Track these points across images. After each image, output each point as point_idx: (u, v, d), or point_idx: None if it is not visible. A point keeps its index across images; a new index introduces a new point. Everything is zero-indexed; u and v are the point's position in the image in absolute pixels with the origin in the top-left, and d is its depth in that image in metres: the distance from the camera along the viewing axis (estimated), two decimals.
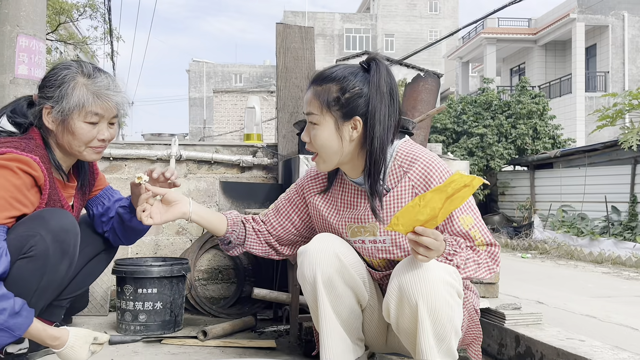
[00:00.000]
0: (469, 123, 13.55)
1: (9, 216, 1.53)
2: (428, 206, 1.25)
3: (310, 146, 1.53)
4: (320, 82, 1.50)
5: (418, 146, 1.58)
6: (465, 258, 1.45)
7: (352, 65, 1.52)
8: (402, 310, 1.40)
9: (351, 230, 1.58)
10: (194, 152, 2.95)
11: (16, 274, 1.54)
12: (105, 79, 1.70)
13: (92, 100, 1.66)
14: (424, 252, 1.32)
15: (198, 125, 31.28)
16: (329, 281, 1.48)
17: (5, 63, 3.10)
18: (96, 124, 1.68)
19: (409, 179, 1.50)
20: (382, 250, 1.55)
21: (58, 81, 1.65)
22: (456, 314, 1.40)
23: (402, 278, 1.38)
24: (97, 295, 2.75)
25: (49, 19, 11.40)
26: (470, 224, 1.48)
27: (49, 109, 1.65)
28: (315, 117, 1.48)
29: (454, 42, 27.74)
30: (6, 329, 1.45)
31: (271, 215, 1.73)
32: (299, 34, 2.86)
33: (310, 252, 1.50)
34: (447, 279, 1.38)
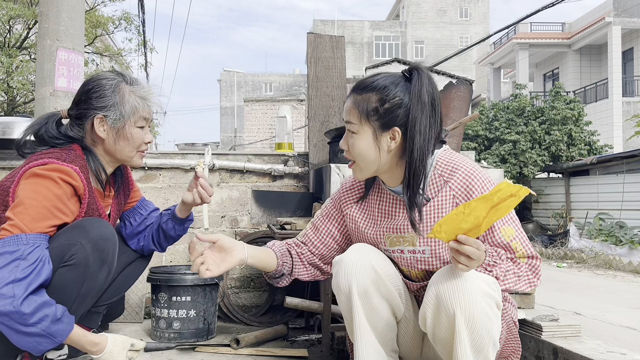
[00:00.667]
0: (501, 130, 13.34)
1: (50, 225, 1.58)
2: (472, 214, 1.23)
3: (348, 154, 1.52)
4: (360, 91, 1.48)
5: (458, 155, 1.56)
6: (505, 270, 1.42)
7: (393, 75, 1.50)
8: (439, 320, 1.37)
9: (390, 240, 1.57)
10: (226, 162, 2.99)
11: (58, 282, 1.58)
12: (144, 85, 1.80)
13: (142, 105, 1.75)
14: (465, 261, 1.29)
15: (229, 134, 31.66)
16: (365, 292, 1.46)
17: (45, 76, 3.21)
18: (143, 127, 1.77)
19: (449, 189, 1.48)
20: (421, 261, 1.53)
21: (107, 91, 1.72)
22: (494, 325, 1.37)
23: (440, 287, 1.36)
24: (132, 302, 2.80)
25: (86, 32, 11.72)
26: (511, 236, 1.45)
27: (101, 119, 1.71)
28: (354, 126, 1.47)
29: (485, 48, 27.43)
30: (48, 335, 1.49)
31: (310, 233, 1.71)
32: (330, 44, 2.87)
33: (346, 262, 1.49)
34: (486, 289, 1.35)
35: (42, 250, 1.53)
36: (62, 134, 1.76)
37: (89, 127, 1.74)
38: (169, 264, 2.97)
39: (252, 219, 2.76)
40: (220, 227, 3.02)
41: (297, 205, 2.71)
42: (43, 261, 1.53)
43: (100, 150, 1.77)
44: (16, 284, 1.45)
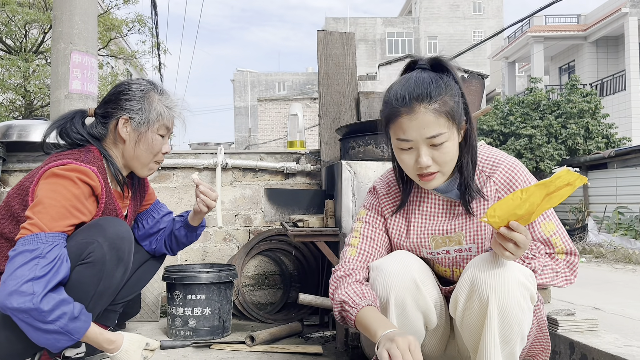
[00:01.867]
0: (517, 124, 13.21)
1: (69, 224, 1.60)
2: (528, 201, 1.22)
3: (433, 167, 1.41)
4: (432, 99, 1.37)
5: (495, 149, 1.55)
6: (543, 264, 1.40)
7: (428, 75, 1.43)
8: (470, 304, 1.35)
9: (435, 242, 1.54)
10: (239, 160, 3.01)
11: (75, 279, 1.61)
12: (172, 96, 1.84)
13: (167, 114, 1.79)
14: (512, 248, 1.27)
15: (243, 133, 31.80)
16: (402, 305, 1.42)
17: (60, 79, 3.25)
18: (164, 137, 1.80)
19: (493, 183, 1.47)
20: (468, 259, 1.51)
21: (136, 94, 1.76)
22: (526, 318, 1.34)
23: (477, 272, 1.34)
24: (148, 301, 2.83)
25: (100, 35, 11.85)
26: (552, 231, 1.44)
27: (126, 120, 1.75)
28: (444, 135, 1.38)
29: (499, 42, 27.16)
30: (66, 333, 1.51)
31: (365, 246, 1.59)
32: (340, 41, 2.87)
33: (387, 272, 1.44)
34: (522, 280, 1.32)
35: (60, 249, 1.56)
36: (86, 131, 1.79)
37: (113, 127, 1.78)
38: (183, 262, 2.99)
39: (265, 217, 2.77)
40: (234, 225, 3.04)
41: (310, 203, 2.72)
42: (61, 259, 1.55)
43: (118, 153, 1.80)
44: (35, 281, 1.48)
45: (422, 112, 1.36)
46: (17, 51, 10.72)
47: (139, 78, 1.88)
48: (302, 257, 3.01)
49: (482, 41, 13.89)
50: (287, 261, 3.06)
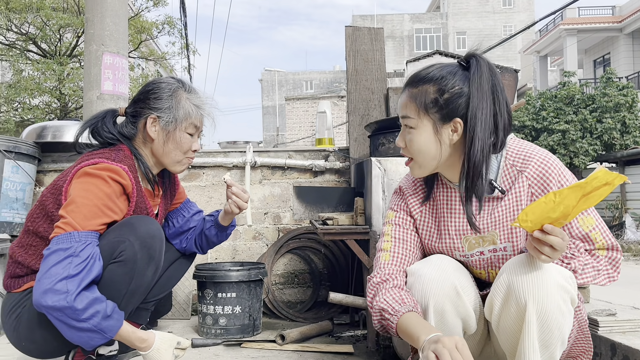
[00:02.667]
0: (549, 119, 12.91)
1: (101, 223, 1.62)
2: (562, 203, 1.16)
3: (406, 151, 1.45)
4: (416, 84, 1.41)
5: (527, 143, 1.48)
6: (584, 263, 1.34)
7: (449, 64, 1.43)
8: (507, 309, 1.30)
9: (468, 243, 1.48)
10: (267, 159, 3.00)
11: (107, 278, 1.62)
12: (201, 95, 1.84)
13: (195, 113, 1.79)
14: (548, 252, 1.21)
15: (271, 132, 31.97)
16: (441, 312, 1.38)
17: (92, 80, 3.30)
18: (193, 135, 1.80)
19: (525, 178, 1.40)
20: (503, 259, 1.46)
21: (165, 93, 1.77)
22: (567, 322, 1.29)
23: (513, 276, 1.29)
24: (180, 299, 2.85)
25: (131, 37, 12.04)
26: (591, 226, 1.37)
27: (154, 119, 1.76)
28: (412, 120, 1.40)
29: (530, 36, 26.61)
30: (99, 331, 1.52)
31: (399, 249, 1.54)
32: (369, 36, 2.83)
33: (426, 278, 1.39)
34: (562, 283, 1.27)
35: (93, 248, 1.57)
36: (116, 130, 1.81)
37: (142, 126, 1.79)
38: (214, 261, 3.01)
39: (294, 215, 2.74)
40: (263, 223, 3.04)
41: (339, 201, 2.69)
42: (94, 258, 1.56)
43: (148, 152, 1.81)
44: (69, 279, 1.49)
45: (405, 93, 1.43)
46: (52, 55, 11.00)
47: (169, 77, 1.89)
48: (332, 256, 2.99)
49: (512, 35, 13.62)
50: (316, 259, 3.05)
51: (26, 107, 10.94)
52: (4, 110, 11.17)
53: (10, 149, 2.59)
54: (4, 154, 2.56)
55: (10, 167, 2.58)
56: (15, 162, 2.60)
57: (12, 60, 10.72)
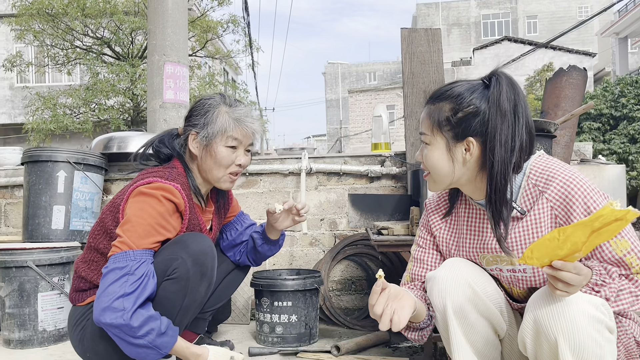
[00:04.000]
0: (629, 107, 12.06)
1: (155, 241, 1.67)
2: (569, 241, 1.10)
3: (424, 165, 1.46)
4: (434, 101, 1.41)
5: (555, 161, 1.41)
6: (618, 289, 1.26)
7: (471, 81, 1.41)
8: (539, 346, 1.26)
9: (485, 260, 1.47)
10: (323, 165, 2.99)
11: (162, 295, 1.67)
12: (244, 108, 1.85)
13: (233, 126, 1.80)
14: (562, 287, 1.17)
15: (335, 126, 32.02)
16: (461, 310, 1.38)
17: (155, 90, 3.42)
18: (235, 148, 1.81)
19: (546, 200, 1.34)
20: (523, 280, 1.42)
21: (204, 109, 1.81)
22: (606, 351, 1.22)
23: (539, 311, 1.24)
24: (239, 304, 2.91)
25: (198, 37, 12.42)
26: (625, 249, 1.29)
27: (194, 135, 1.81)
28: (427, 137, 1.41)
29: (609, 16, 25.01)
30: (154, 347, 1.57)
31: (416, 269, 1.60)
32: (425, 37, 2.74)
33: (440, 279, 1.41)
34: (593, 313, 1.21)
35: (147, 266, 1.63)
36: (171, 146, 1.87)
37: (187, 143, 1.83)
38: (272, 267, 3.04)
39: (349, 222, 2.73)
40: (319, 229, 3.04)
41: (395, 208, 2.64)
42: (148, 276, 1.62)
43: (195, 168, 1.85)
44: (125, 297, 1.55)
45: (425, 108, 1.44)
46: (125, 57, 11.53)
47: (215, 93, 1.92)
48: (389, 262, 2.94)
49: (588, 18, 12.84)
50: (373, 266, 3.01)
51: (102, 107, 11.53)
52: (83, 111, 11.84)
53: (79, 161, 2.72)
54: (74, 166, 2.70)
55: (79, 178, 2.72)
56: (84, 173, 2.74)
57: (89, 63, 11.32)
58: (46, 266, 2.47)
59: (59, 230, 2.68)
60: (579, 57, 22.84)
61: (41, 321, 2.47)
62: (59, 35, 11.32)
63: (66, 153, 2.70)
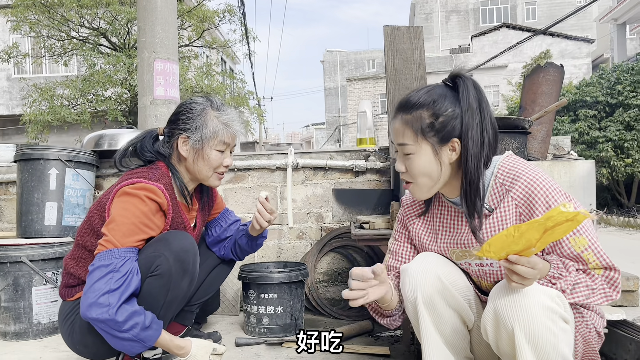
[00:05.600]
0: (625, 94, 12.07)
1: (139, 239, 1.75)
2: (523, 237, 1.19)
3: (406, 175, 1.51)
4: (409, 110, 1.45)
5: (521, 161, 1.50)
6: (574, 282, 1.35)
7: (434, 87, 1.48)
8: (499, 334, 1.35)
9: (455, 254, 1.56)
10: (309, 160, 3.06)
11: (146, 291, 1.76)
12: (231, 112, 1.94)
13: (224, 131, 1.89)
14: (517, 279, 1.26)
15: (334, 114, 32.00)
16: (430, 302, 1.47)
17: (145, 87, 3.48)
18: (223, 151, 1.90)
19: (511, 198, 1.43)
20: (490, 274, 1.52)
21: (193, 114, 1.89)
22: (561, 340, 1.31)
23: (498, 302, 1.33)
24: (228, 296, 2.99)
25: (194, 27, 12.39)
26: (583, 246, 1.38)
27: (185, 139, 1.88)
28: (410, 147, 1.45)
29: (607, 2, 24.87)
30: (139, 340, 1.66)
31: (391, 262, 1.73)
32: (407, 35, 2.80)
33: (411, 272, 1.50)
34: (547, 303, 1.29)
35: (132, 263, 1.71)
36: (155, 150, 1.94)
37: (175, 146, 1.91)
38: (260, 260, 3.13)
39: (334, 216, 2.80)
40: (306, 223, 3.12)
41: (377, 203, 2.72)
42: (132, 272, 1.70)
43: (183, 169, 1.93)
44: (111, 294, 1.64)
45: (398, 120, 1.47)
46: (122, 48, 11.52)
47: (199, 96, 1.99)
48: (374, 254, 3.03)
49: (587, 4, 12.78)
50: (359, 258, 3.10)
51: (99, 99, 11.53)
52: (80, 102, 11.85)
53: (70, 159, 2.80)
54: (65, 164, 2.77)
55: (71, 176, 2.80)
56: (75, 170, 2.81)
57: (86, 54, 11.30)
58: (39, 261, 2.55)
59: (52, 226, 2.76)
60: (577, 43, 22.78)
61: (36, 314, 2.56)
62: (54, 26, 11.30)
63: (58, 151, 2.77)
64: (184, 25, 12.41)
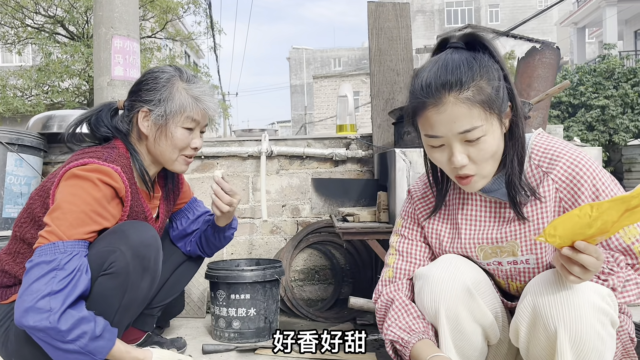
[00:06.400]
0: (587, 95, 12.31)
1: (89, 231, 1.46)
2: (600, 218, 0.97)
3: (470, 167, 1.19)
4: (463, 86, 1.15)
5: (557, 139, 1.28)
6: (625, 279, 1.15)
7: (461, 54, 1.20)
8: (535, 336, 1.15)
9: (483, 252, 1.32)
10: (285, 147, 2.80)
11: (97, 292, 1.47)
12: (202, 85, 1.64)
13: (192, 105, 1.59)
14: (579, 272, 1.05)
15: (300, 112, 31.71)
16: (455, 318, 1.24)
17: (102, 66, 3.15)
18: (192, 130, 1.61)
19: (552, 181, 1.22)
20: (524, 273, 1.29)
21: (158, 84, 1.59)
22: (607, 348, 1.12)
23: (539, 298, 1.12)
24: (194, 297, 2.71)
25: (157, 18, 11.96)
26: (634, 236, 1.18)
27: (146, 113, 1.59)
28: (481, 129, 1.15)
29: (567, 7, 25.49)
30: (87, 353, 1.38)
31: (401, 264, 1.42)
32: (393, 12, 2.58)
33: (434, 280, 1.25)
34: (599, 304, 1.09)
35: (80, 259, 1.42)
36: (113, 125, 1.65)
37: (135, 121, 1.62)
38: (229, 257, 2.85)
39: (312, 209, 2.57)
40: (281, 216, 2.86)
41: (361, 193, 2.49)
42: (81, 271, 1.41)
43: (144, 149, 1.65)
44: (53, 296, 1.35)
45: (452, 102, 1.14)
46: (80, 37, 11.01)
47: (167, 65, 1.70)
48: (355, 250, 2.80)
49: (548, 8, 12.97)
50: (338, 255, 2.86)
51: (55, 90, 11.03)
52: (35, 93, 11.29)
53: (12, 142, 2.46)
54: (6, 147, 2.43)
55: (13, 161, 2.46)
56: (18, 154, 2.47)
57: (41, 43, 10.78)
58: None
59: None
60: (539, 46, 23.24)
61: None
62: (8, 13, 10.72)
63: None
64: (146, 16, 12.02)
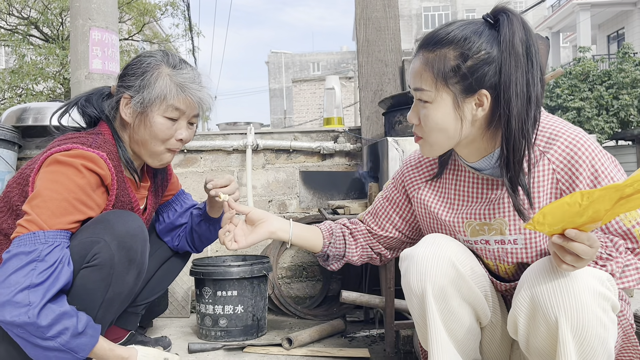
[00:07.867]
0: (564, 97, 12.49)
1: (72, 220, 1.37)
2: (592, 207, 0.92)
3: (419, 128, 1.21)
4: (433, 47, 1.14)
5: (557, 119, 1.22)
6: (624, 264, 1.11)
7: (472, 22, 1.16)
8: (534, 327, 1.09)
9: (471, 228, 1.27)
10: (271, 141, 2.73)
11: (80, 285, 1.38)
12: (190, 72, 1.53)
13: (175, 93, 1.48)
14: (571, 260, 1.00)
15: (279, 115, 31.61)
16: (442, 295, 1.18)
17: (79, 58, 3.04)
18: (176, 120, 1.51)
19: (548, 161, 1.16)
20: (512, 253, 1.23)
21: (141, 69, 1.49)
22: (610, 333, 1.06)
23: (537, 287, 1.07)
24: (177, 296, 2.62)
25: (134, 20, 11.77)
26: (635, 219, 1.13)
27: (127, 99, 1.49)
28: (427, 93, 1.15)
29: (542, 12, 25.98)
30: (68, 350, 1.28)
31: (369, 218, 1.48)
32: (381, 2, 2.53)
33: (419, 258, 1.20)
34: (599, 289, 1.04)
35: (62, 250, 1.33)
36: (99, 107, 1.56)
37: (119, 107, 1.53)
38: (214, 253, 2.76)
39: (301, 203, 2.50)
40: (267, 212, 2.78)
41: (350, 187, 2.43)
42: (63, 262, 1.32)
43: (127, 138, 1.55)
44: (32, 290, 1.26)
45: (418, 58, 1.18)
46: (55, 39, 10.77)
47: (157, 50, 1.61)
48: None
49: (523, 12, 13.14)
50: None
51: (30, 92, 10.75)
52: (8, 96, 11.00)
53: None
54: None
55: None
56: None
57: (14, 45, 10.50)
58: None
59: None
60: None
61: None
62: None
63: None
64: (123, 18, 11.82)
